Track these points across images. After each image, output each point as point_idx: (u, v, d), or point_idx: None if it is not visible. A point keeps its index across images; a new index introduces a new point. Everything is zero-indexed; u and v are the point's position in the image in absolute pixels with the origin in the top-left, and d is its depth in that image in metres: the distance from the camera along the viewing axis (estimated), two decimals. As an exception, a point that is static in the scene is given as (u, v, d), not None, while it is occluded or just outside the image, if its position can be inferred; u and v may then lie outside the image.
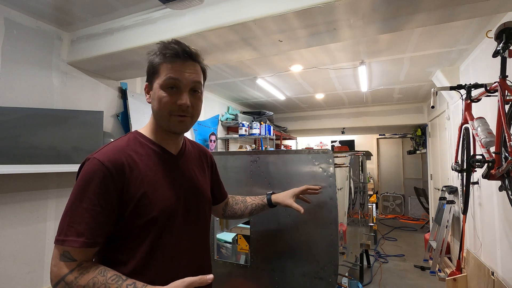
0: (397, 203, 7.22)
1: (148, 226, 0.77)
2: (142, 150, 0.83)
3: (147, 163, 0.82)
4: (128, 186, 0.76)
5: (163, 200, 0.80)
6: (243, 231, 2.12)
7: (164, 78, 0.79)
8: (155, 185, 0.80)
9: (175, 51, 0.79)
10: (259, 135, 4.35)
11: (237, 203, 1.23)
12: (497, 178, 1.63)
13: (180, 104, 0.80)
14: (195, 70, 0.83)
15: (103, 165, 0.74)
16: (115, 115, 2.71)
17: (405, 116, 5.27)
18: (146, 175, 0.79)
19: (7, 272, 1.87)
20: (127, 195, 0.75)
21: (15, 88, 1.98)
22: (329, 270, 1.39)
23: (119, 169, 0.75)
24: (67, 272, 0.69)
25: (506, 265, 2.11)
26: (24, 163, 1.85)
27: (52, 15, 2.06)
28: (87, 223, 0.70)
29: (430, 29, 2.31)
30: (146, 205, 0.77)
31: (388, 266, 3.81)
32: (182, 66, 0.80)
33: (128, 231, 0.77)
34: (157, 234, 0.79)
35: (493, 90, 1.70)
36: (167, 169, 0.85)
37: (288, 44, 1.93)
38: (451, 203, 3.29)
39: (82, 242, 0.69)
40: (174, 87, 0.80)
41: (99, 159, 0.75)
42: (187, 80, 0.81)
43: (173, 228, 0.82)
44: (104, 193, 0.72)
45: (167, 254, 0.81)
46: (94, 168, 0.74)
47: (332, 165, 1.44)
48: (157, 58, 0.81)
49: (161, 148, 0.86)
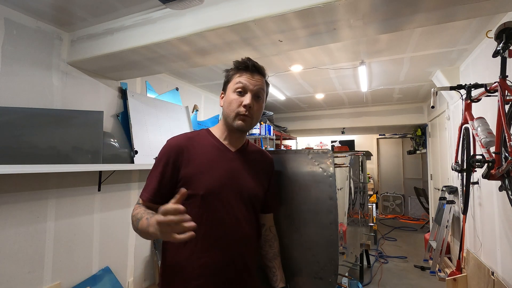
0: (397, 203, 7.22)
1: (195, 202, 0.95)
2: (205, 141, 1.04)
3: (205, 150, 1.02)
4: (183, 164, 0.98)
5: (210, 183, 0.97)
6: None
7: (234, 83, 1.02)
8: (206, 170, 0.98)
9: (246, 64, 1.02)
10: (259, 135, 4.35)
11: (271, 246, 1.21)
12: (497, 178, 1.63)
13: (245, 104, 0.99)
14: (260, 80, 1.05)
15: (169, 145, 1.01)
16: (115, 115, 2.71)
17: (405, 116, 5.27)
18: (201, 159, 0.99)
19: (7, 272, 1.87)
20: (182, 172, 0.97)
21: (15, 88, 1.98)
22: (329, 270, 1.39)
23: (179, 149, 0.99)
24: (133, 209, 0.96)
25: (506, 265, 2.11)
26: (24, 163, 1.84)
27: (52, 15, 2.06)
28: (153, 184, 0.98)
29: (430, 29, 2.31)
30: (194, 183, 0.96)
31: (388, 266, 3.81)
32: (250, 76, 1.02)
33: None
34: (201, 211, 0.95)
35: (493, 90, 1.70)
36: (222, 160, 1.02)
37: (288, 44, 1.93)
38: (451, 203, 3.29)
39: (147, 197, 0.98)
40: (242, 91, 1.01)
41: (169, 141, 1.02)
42: (253, 86, 1.01)
43: (216, 209, 0.97)
44: (166, 165, 0.97)
45: (208, 230, 0.96)
46: (165, 147, 1.01)
47: (332, 165, 1.44)
48: (231, 71, 1.05)
49: (221, 144, 1.05)
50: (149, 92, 3.17)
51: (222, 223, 0.97)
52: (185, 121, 3.42)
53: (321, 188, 1.45)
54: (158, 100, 3.14)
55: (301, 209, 1.49)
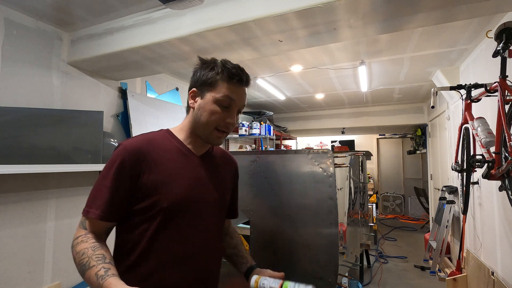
0: (397, 203, 7.22)
1: (157, 214, 0.82)
2: (167, 145, 0.90)
3: (169, 156, 0.88)
4: (144, 172, 0.82)
5: (175, 194, 0.84)
6: (243, 231, 2.12)
7: (222, 95, 0.87)
8: (171, 177, 0.85)
9: (240, 77, 0.89)
10: (259, 135, 4.35)
11: (232, 237, 1.12)
12: (497, 178, 1.63)
13: (229, 122, 0.89)
14: (245, 93, 0.93)
15: (125, 150, 0.82)
16: (115, 115, 2.71)
17: (405, 116, 5.27)
18: (164, 166, 0.85)
19: (7, 272, 1.87)
20: (142, 180, 0.82)
21: (15, 88, 1.97)
22: (329, 270, 1.39)
23: (139, 155, 0.83)
24: (76, 236, 0.79)
25: (506, 265, 2.11)
26: (24, 163, 1.84)
27: (52, 15, 2.06)
28: (105, 198, 0.79)
29: (430, 29, 2.31)
30: (158, 193, 0.82)
31: (388, 266, 3.81)
32: (239, 89, 0.90)
33: (139, 216, 0.82)
34: (163, 226, 0.82)
35: (493, 90, 1.70)
36: (187, 166, 0.90)
37: (288, 44, 1.93)
38: (451, 203, 3.29)
39: (98, 214, 0.78)
40: (227, 106, 0.88)
41: (125, 145, 0.84)
42: (241, 102, 0.91)
43: (182, 223, 0.85)
44: (122, 174, 0.80)
45: (173, 249, 0.84)
46: (119, 152, 0.83)
47: (332, 165, 1.44)
48: (218, 76, 0.87)
49: (185, 147, 0.92)
50: (149, 92, 3.17)
51: (188, 239, 0.86)
52: (185, 121, 3.41)
53: (321, 188, 1.45)
54: (158, 100, 3.14)
55: (301, 209, 1.49)
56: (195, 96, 0.91)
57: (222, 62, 0.90)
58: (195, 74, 0.92)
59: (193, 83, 0.92)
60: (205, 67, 0.90)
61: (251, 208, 1.63)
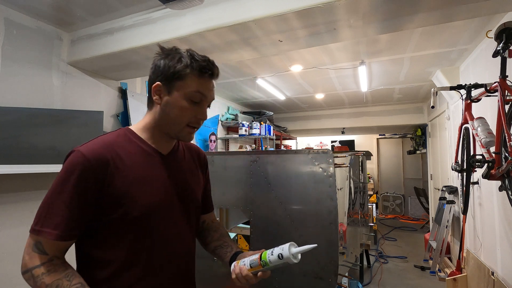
0: (397, 203, 7.22)
1: (129, 225, 0.75)
2: (130, 147, 0.81)
3: (134, 160, 0.79)
4: (110, 182, 0.74)
5: (146, 200, 0.78)
6: (243, 231, 2.12)
7: (192, 90, 0.79)
8: (139, 183, 0.78)
9: (212, 71, 0.81)
10: (259, 135, 4.35)
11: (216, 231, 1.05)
12: (497, 178, 1.63)
13: (201, 118, 0.83)
14: (214, 87, 0.86)
15: (85, 158, 0.72)
16: (115, 115, 2.71)
17: (405, 116, 5.27)
18: (131, 172, 0.77)
19: (7, 272, 1.87)
20: (108, 190, 0.73)
21: (15, 88, 1.98)
22: (329, 270, 1.39)
23: (101, 163, 0.73)
24: (36, 264, 0.69)
25: (506, 265, 2.11)
26: (24, 163, 1.85)
27: (52, 15, 2.06)
28: (63, 216, 0.70)
29: (430, 29, 2.31)
30: (127, 202, 0.75)
31: (388, 266, 3.81)
32: (209, 84, 0.82)
33: (109, 228, 0.75)
34: (138, 235, 0.77)
35: (493, 90, 1.70)
36: (155, 168, 0.83)
37: (288, 44, 1.93)
38: (451, 203, 3.29)
39: (57, 234, 0.69)
40: (198, 102, 0.81)
41: (82, 152, 0.73)
42: (211, 97, 0.84)
43: (157, 229, 0.80)
44: (83, 185, 0.71)
45: (150, 257, 0.79)
46: (76, 161, 0.72)
47: (332, 165, 1.44)
48: (188, 69, 0.78)
49: (150, 147, 0.84)
50: (149, 92, 3.17)
51: (165, 244, 0.81)
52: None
53: (321, 188, 1.45)
54: (158, 100, 3.14)
55: (301, 209, 1.49)
56: (160, 91, 0.81)
57: (189, 53, 0.80)
58: (158, 65, 0.81)
59: (156, 76, 0.81)
60: (171, 58, 0.80)
61: (251, 208, 1.63)
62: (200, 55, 0.81)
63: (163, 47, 0.83)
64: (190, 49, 0.82)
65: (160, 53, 0.83)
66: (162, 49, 0.83)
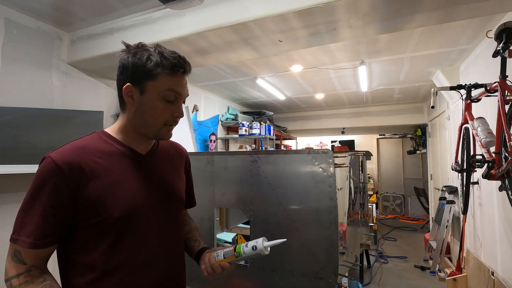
0: (397, 203, 7.22)
1: (108, 228, 0.74)
2: (105, 150, 0.79)
3: (110, 162, 0.78)
4: (85, 186, 0.72)
5: (126, 201, 0.76)
6: (243, 231, 2.12)
7: (165, 89, 0.77)
8: (117, 186, 0.76)
9: (184, 68, 0.78)
10: (259, 135, 4.35)
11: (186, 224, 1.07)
12: (497, 178, 1.63)
13: (177, 116, 0.81)
14: (187, 82, 0.83)
15: (56, 165, 0.70)
16: (115, 115, 2.71)
17: (405, 116, 5.27)
18: (107, 175, 0.76)
19: (7, 272, 1.87)
20: (84, 195, 0.72)
21: (15, 88, 1.98)
22: (329, 270, 1.39)
23: (74, 169, 0.71)
24: (14, 274, 0.69)
25: (506, 265, 2.11)
26: (24, 163, 1.84)
27: (52, 15, 2.06)
28: (37, 224, 0.69)
29: (430, 29, 2.31)
30: (106, 205, 0.73)
31: (388, 266, 3.81)
32: (182, 80, 0.80)
33: (88, 232, 0.74)
34: (119, 237, 0.75)
35: (493, 90, 1.70)
36: (134, 169, 0.81)
37: (288, 44, 1.93)
38: (451, 203, 3.29)
39: (30, 243, 0.68)
40: (173, 100, 0.79)
41: (54, 158, 0.71)
42: (185, 94, 0.83)
43: (138, 231, 0.78)
44: (56, 194, 0.70)
45: (132, 259, 0.77)
46: (48, 168, 0.71)
47: (332, 165, 1.44)
48: (159, 68, 0.75)
49: (127, 148, 0.82)
50: (149, 92, 3.17)
51: (143, 247, 0.79)
52: (185, 121, 3.42)
53: (321, 188, 1.45)
54: (158, 100, 3.14)
55: (301, 209, 1.49)
56: (131, 92, 0.78)
57: (158, 51, 0.77)
58: (126, 65, 0.77)
59: (125, 76, 0.77)
60: (139, 56, 0.76)
61: (251, 208, 1.63)
62: (170, 51, 0.78)
63: (128, 44, 0.80)
64: (158, 45, 0.79)
65: (125, 50, 0.79)
66: (127, 46, 0.79)
